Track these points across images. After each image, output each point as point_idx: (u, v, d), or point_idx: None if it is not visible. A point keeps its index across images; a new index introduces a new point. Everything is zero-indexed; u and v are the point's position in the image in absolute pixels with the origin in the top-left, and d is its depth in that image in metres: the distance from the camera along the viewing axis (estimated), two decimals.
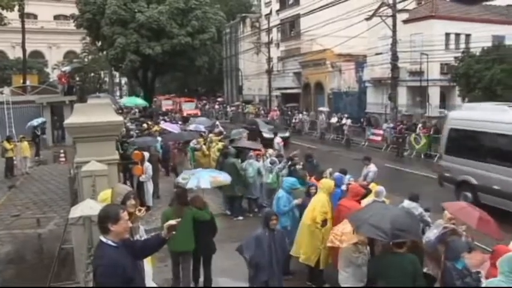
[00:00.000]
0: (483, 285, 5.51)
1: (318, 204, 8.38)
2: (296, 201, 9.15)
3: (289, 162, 13.24)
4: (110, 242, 4.20)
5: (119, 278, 4.07)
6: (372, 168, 13.31)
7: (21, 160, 20.96)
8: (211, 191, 13.52)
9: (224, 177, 11.11)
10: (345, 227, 7.03)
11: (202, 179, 10.10)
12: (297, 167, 13.27)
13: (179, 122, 28.16)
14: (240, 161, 13.88)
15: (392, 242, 6.09)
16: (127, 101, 38.41)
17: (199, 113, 44.81)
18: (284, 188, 9.41)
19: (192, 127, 24.27)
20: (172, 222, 4.52)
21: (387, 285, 6.11)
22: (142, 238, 5.51)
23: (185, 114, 42.44)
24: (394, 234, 5.93)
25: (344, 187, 9.58)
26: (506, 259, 5.15)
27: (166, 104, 52.40)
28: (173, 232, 4.48)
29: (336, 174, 10.47)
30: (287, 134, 28.35)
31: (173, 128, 23.50)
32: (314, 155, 14.75)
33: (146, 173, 13.10)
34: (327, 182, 8.95)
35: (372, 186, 9.48)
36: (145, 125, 25.06)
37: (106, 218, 4.23)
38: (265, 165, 13.73)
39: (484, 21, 31.45)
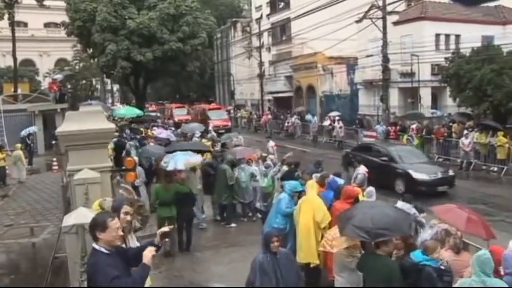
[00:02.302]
0: (457, 285, 5.51)
1: (320, 206, 8.39)
2: None
3: (288, 167, 13.21)
4: (103, 250, 4.22)
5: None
6: (361, 170, 13.33)
7: (19, 168, 20.79)
8: (207, 198, 13.58)
9: (195, 159, 13.02)
10: (337, 231, 7.01)
11: (179, 162, 12.03)
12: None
13: (172, 128, 27.94)
14: (232, 168, 13.69)
15: (373, 243, 6.07)
16: (126, 111, 38.09)
17: (229, 124, 37.99)
18: (286, 191, 9.39)
19: (163, 135, 22.46)
20: (165, 229, 4.52)
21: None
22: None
23: (211, 124, 33.22)
24: (376, 233, 5.89)
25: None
26: (477, 259, 5.20)
27: (179, 114, 42.57)
28: (166, 239, 4.48)
29: (331, 176, 10.46)
30: (451, 173, 17.00)
31: (166, 134, 23.32)
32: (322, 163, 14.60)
33: (139, 177, 13.13)
34: (313, 183, 9.08)
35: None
36: (142, 129, 25.02)
37: (94, 226, 4.29)
38: (260, 169, 13.72)
39: (473, 22, 31.72)
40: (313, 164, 13.70)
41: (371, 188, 9.79)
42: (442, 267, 5.91)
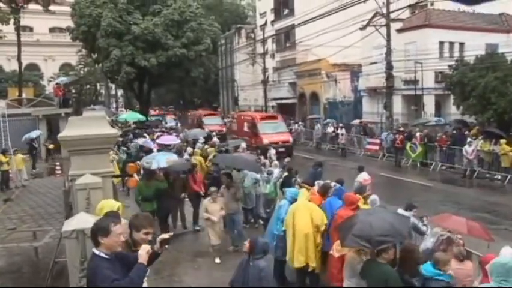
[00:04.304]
0: None
1: (318, 210, 8.41)
2: None
3: (286, 173, 13.20)
4: (102, 254, 4.22)
5: None
6: (358, 178, 13.34)
7: (16, 173, 20.88)
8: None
9: (174, 157, 14.32)
10: None
11: (161, 161, 13.20)
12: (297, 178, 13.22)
13: (175, 134, 27.75)
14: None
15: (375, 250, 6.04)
16: (129, 116, 38.17)
17: (291, 140, 28.95)
18: (287, 198, 9.37)
19: (140, 141, 21.15)
20: (165, 236, 4.51)
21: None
22: None
23: (266, 141, 26.13)
24: (377, 241, 5.85)
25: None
26: (497, 264, 5.12)
27: (211, 124, 35.17)
28: (166, 246, 4.46)
29: (333, 184, 10.38)
30: None
31: (172, 140, 23.12)
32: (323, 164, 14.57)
33: None
34: (305, 191, 9.22)
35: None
36: (146, 135, 25.10)
37: (96, 231, 4.30)
38: (262, 175, 13.66)
39: (477, 30, 31.77)
40: (312, 166, 13.72)
41: (375, 196, 9.75)
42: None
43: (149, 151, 18.09)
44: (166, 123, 43.05)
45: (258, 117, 30.29)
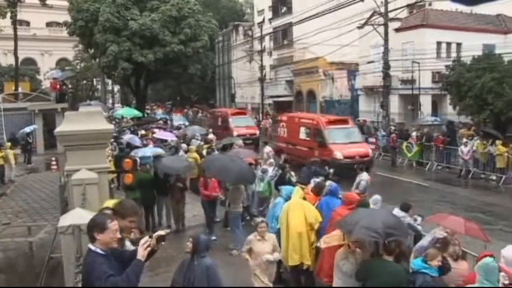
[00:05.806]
0: None
1: (311, 208, 8.45)
2: None
3: (281, 171, 13.21)
4: (98, 250, 4.22)
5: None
6: (364, 176, 13.27)
7: (8, 168, 20.79)
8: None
9: (161, 150, 16.97)
10: (335, 232, 7.16)
11: (147, 153, 15.30)
12: (292, 174, 13.22)
13: (172, 131, 27.72)
14: None
15: (382, 248, 6.06)
16: (125, 112, 37.98)
17: (370, 152, 21.44)
18: (283, 196, 9.38)
19: (126, 138, 20.87)
20: (161, 232, 4.50)
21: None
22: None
23: (339, 154, 19.75)
24: (387, 233, 5.93)
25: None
26: (485, 267, 5.19)
27: (240, 126, 29.54)
28: (163, 242, 4.45)
29: (329, 183, 10.39)
30: None
31: (168, 136, 23.12)
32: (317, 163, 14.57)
33: None
34: (298, 189, 9.25)
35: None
36: (143, 131, 25.06)
37: (93, 226, 4.30)
38: (256, 174, 13.63)
39: (474, 30, 31.82)
40: (306, 166, 13.74)
41: (378, 196, 9.72)
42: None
43: (135, 148, 18.04)
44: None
45: (324, 120, 21.91)
